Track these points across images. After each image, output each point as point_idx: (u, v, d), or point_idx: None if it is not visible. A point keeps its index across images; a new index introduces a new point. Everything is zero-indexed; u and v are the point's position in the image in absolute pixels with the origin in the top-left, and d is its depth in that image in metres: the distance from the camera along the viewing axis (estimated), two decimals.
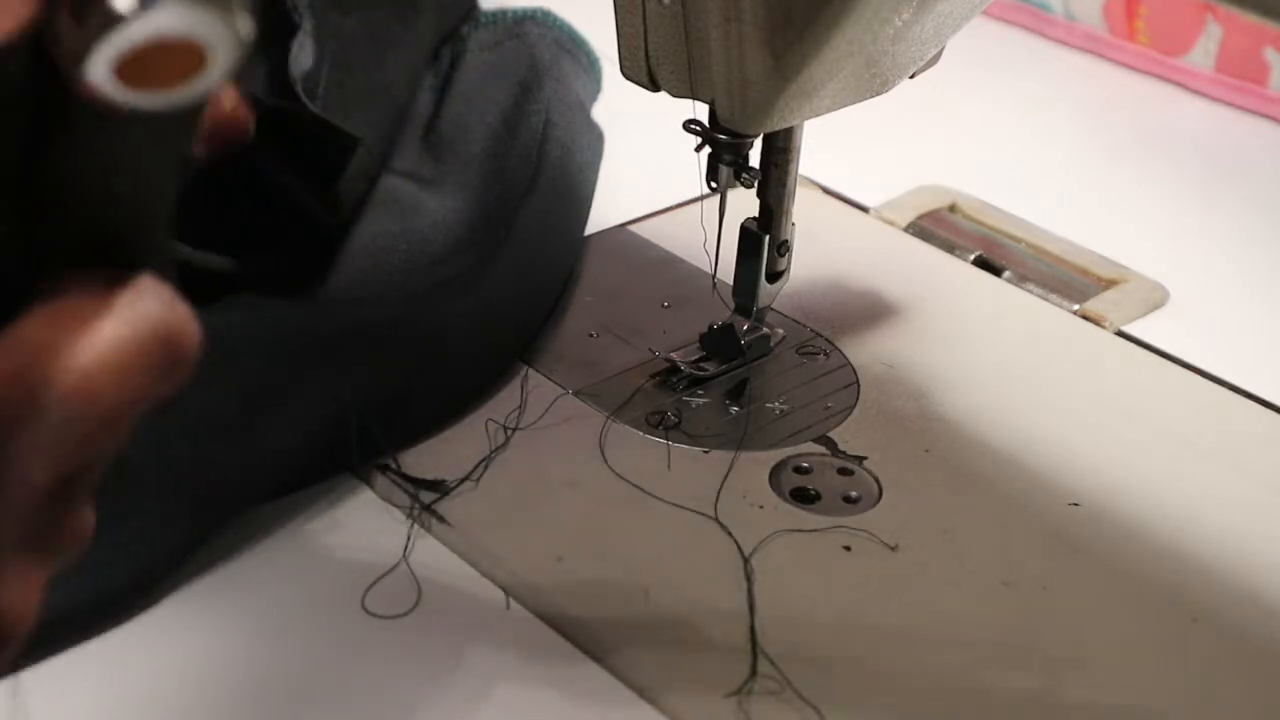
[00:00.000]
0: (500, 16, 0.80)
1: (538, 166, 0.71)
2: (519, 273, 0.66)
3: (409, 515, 0.57)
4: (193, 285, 0.56)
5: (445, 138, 0.73)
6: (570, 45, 0.80)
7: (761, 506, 0.58)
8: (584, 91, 0.80)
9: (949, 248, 0.76)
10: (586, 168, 0.75)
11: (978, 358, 0.68)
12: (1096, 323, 0.71)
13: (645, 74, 0.58)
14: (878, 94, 0.60)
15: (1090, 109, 0.93)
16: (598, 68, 0.81)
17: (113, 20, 0.30)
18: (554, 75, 0.76)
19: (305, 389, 0.57)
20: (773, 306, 0.66)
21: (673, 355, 0.65)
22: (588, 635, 0.53)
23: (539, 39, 0.78)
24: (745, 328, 0.65)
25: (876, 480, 0.60)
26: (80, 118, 0.33)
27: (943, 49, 0.60)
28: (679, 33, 0.56)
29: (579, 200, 0.73)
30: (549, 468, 0.60)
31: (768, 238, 0.63)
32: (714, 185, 0.61)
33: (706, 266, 0.65)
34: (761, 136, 0.61)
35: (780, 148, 0.62)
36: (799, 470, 0.61)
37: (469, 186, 0.70)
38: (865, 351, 0.67)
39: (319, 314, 0.60)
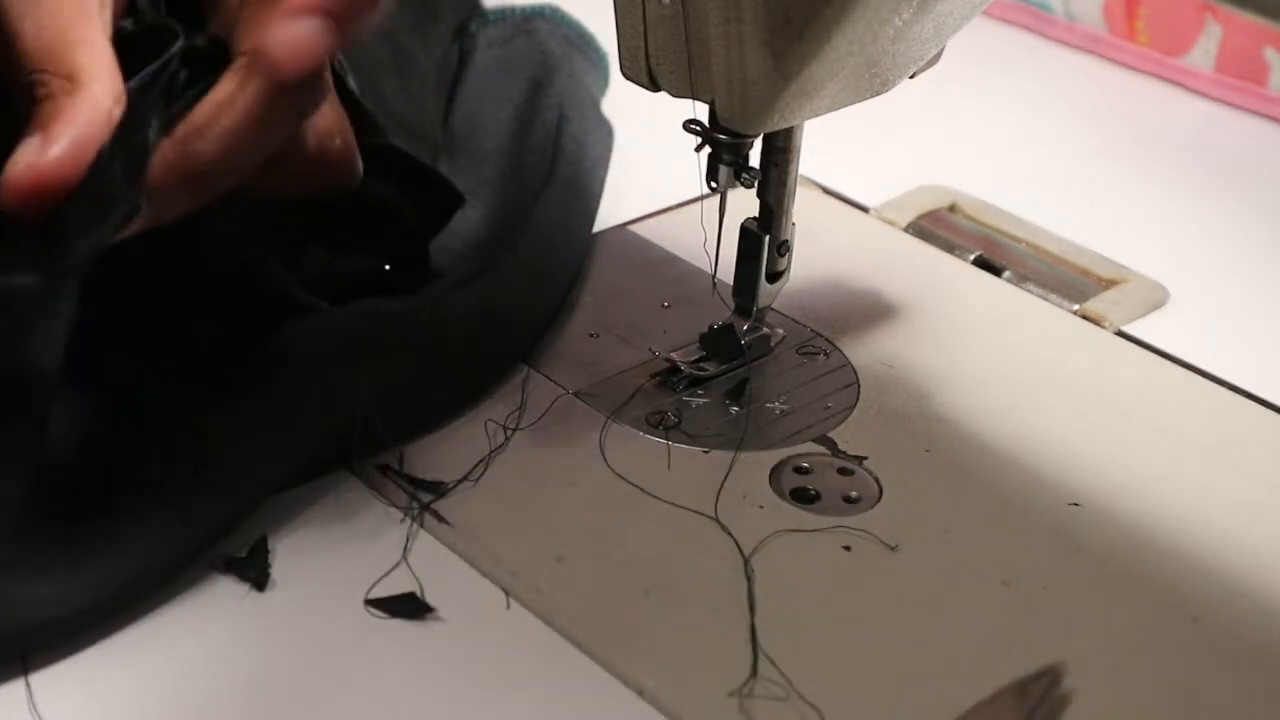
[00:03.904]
0: (509, 13, 0.80)
1: (553, 161, 0.71)
2: (533, 268, 0.66)
3: (408, 515, 0.57)
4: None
5: (458, 134, 0.73)
6: (580, 42, 0.80)
7: (761, 506, 0.58)
8: (594, 87, 0.80)
9: (949, 248, 0.76)
10: (598, 163, 0.75)
11: (978, 358, 0.68)
12: (1096, 323, 0.71)
13: (645, 74, 0.58)
14: (878, 94, 0.60)
15: (1090, 109, 0.93)
16: (605, 64, 0.81)
17: None
18: (565, 71, 0.77)
19: (314, 385, 0.57)
20: (773, 306, 0.66)
21: (673, 355, 0.65)
22: (588, 635, 0.53)
23: (549, 35, 0.78)
24: (745, 328, 0.65)
25: (876, 480, 0.60)
26: None
27: (943, 49, 0.61)
28: (679, 33, 0.56)
29: (591, 196, 0.73)
30: (549, 468, 0.60)
31: (768, 238, 0.63)
32: (714, 185, 0.61)
33: (706, 266, 0.65)
34: (761, 136, 0.61)
35: (780, 148, 0.62)
36: (799, 470, 0.61)
37: (486, 184, 0.70)
38: (865, 351, 0.67)
39: (329, 311, 0.60)
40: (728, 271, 0.65)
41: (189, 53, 0.54)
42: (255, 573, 0.54)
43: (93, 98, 0.51)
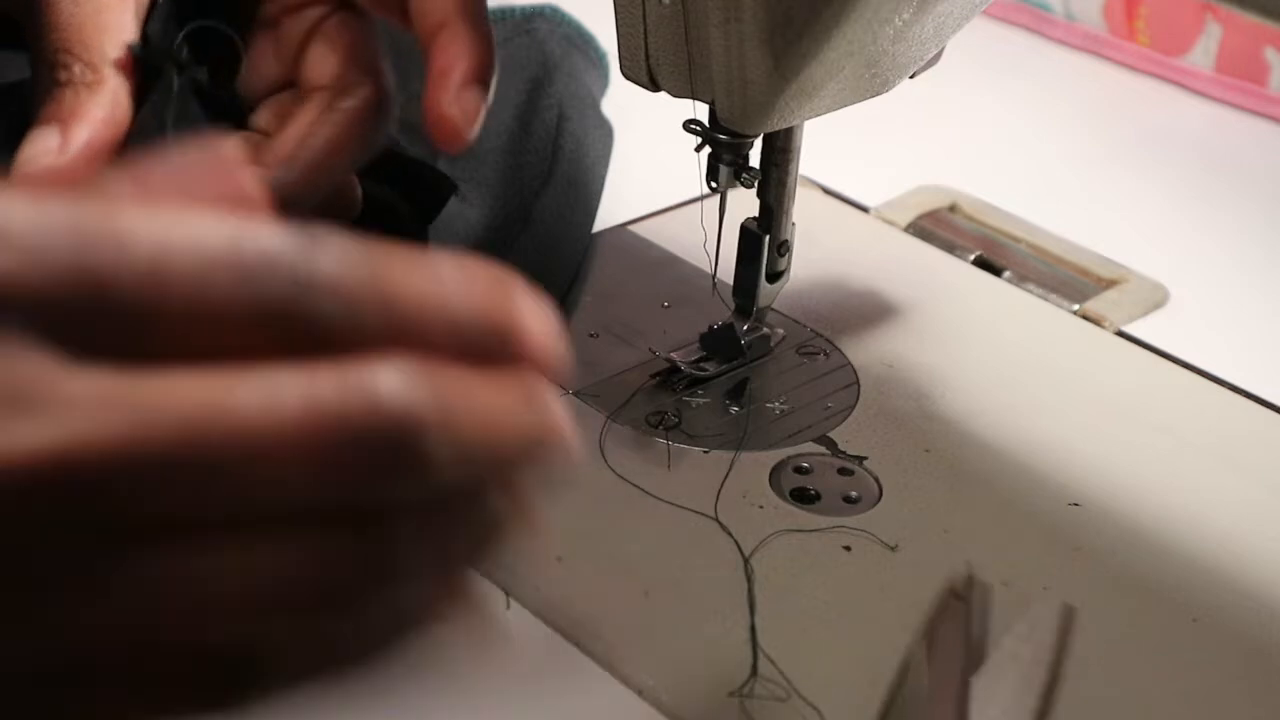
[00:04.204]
0: (509, 13, 0.80)
1: (553, 160, 0.71)
2: (534, 267, 0.66)
3: None
4: None
5: None
6: (580, 41, 0.80)
7: (761, 506, 0.58)
8: (594, 87, 0.80)
9: (949, 248, 0.76)
10: (598, 162, 0.75)
11: (978, 358, 0.68)
12: (1096, 323, 0.71)
13: (645, 74, 0.58)
14: (878, 94, 0.60)
15: (1090, 109, 0.93)
16: (605, 63, 0.81)
17: None
18: (565, 70, 0.76)
19: None
20: (773, 306, 0.66)
21: (673, 355, 0.65)
22: (588, 635, 0.53)
23: (549, 35, 0.78)
24: (745, 328, 0.65)
25: (876, 480, 0.60)
26: None
27: (943, 49, 0.60)
28: (679, 33, 0.56)
29: (591, 195, 0.73)
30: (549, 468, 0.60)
31: (768, 238, 0.63)
32: (714, 185, 0.61)
33: (706, 266, 0.65)
34: (761, 136, 0.61)
35: (780, 148, 0.62)
36: (799, 470, 0.61)
37: (485, 184, 0.70)
38: (865, 351, 0.67)
39: None
40: (728, 271, 0.65)
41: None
42: None
43: (111, 93, 0.51)
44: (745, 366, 0.66)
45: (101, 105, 0.51)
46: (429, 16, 0.56)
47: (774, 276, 0.65)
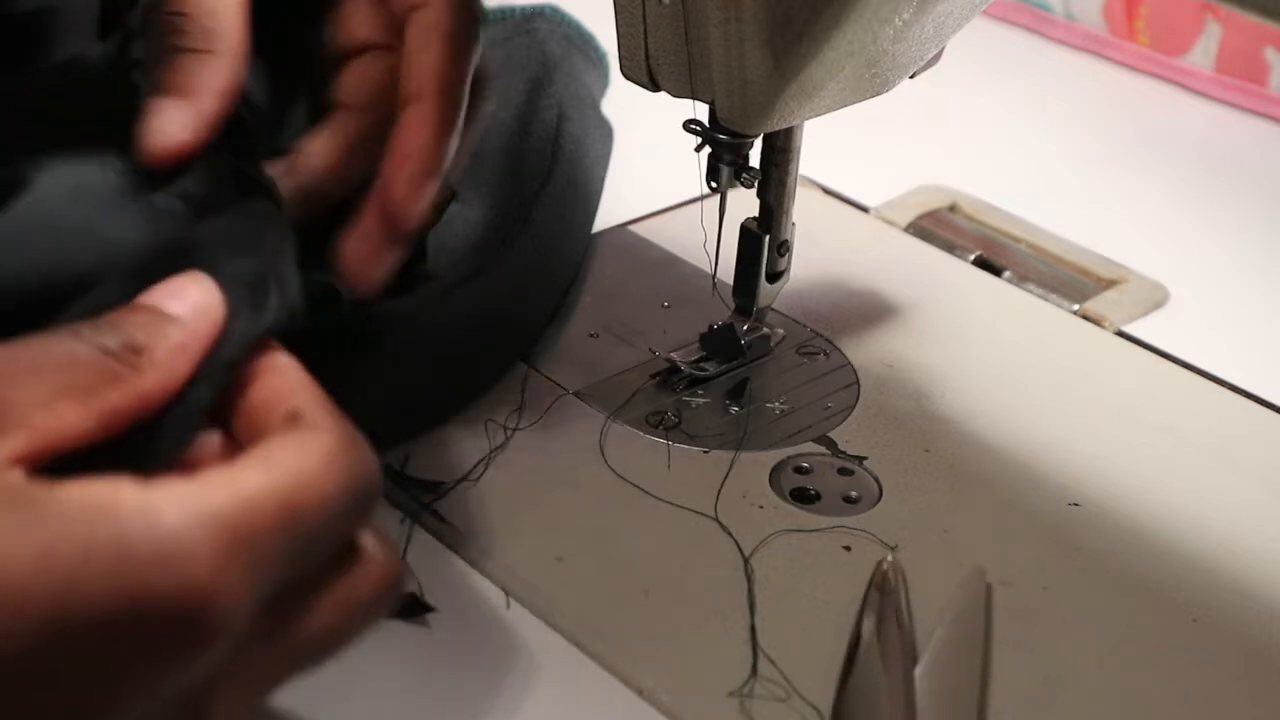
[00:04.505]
0: (509, 13, 0.80)
1: (553, 161, 0.71)
2: (533, 268, 0.66)
3: (409, 515, 0.57)
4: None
5: None
6: (580, 41, 0.80)
7: (761, 506, 0.58)
8: (594, 87, 0.80)
9: (949, 248, 0.76)
10: (598, 162, 0.75)
11: (978, 358, 0.68)
12: (1096, 323, 0.71)
13: (645, 74, 0.58)
14: (878, 94, 0.60)
15: (1090, 109, 0.93)
16: (606, 63, 0.81)
17: None
18: (565, 70, 0.76)
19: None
20: (773, 306, 0.66)
21: (673, 355, 0.65)
22: (588, 635, 0.53)
23: (549, 35, 0.78)
24: (745, 328, 0.65)
25: (876, 480, 0.60)
26: None
27: (943, 49, 0.61)
28: (679, 33, 0.56)
29: (591, 195, 0.73)
30: (549, 468, 0.60)
31: (768, 238, 0.63)
32: (714, 185, 0.61)
33: (706, 266, 0.65)
34: (761, 136, 0.61)
35: (780, 148, 0.62)
36: (799, 470, 0.61)
37: (485, 184, 0.70)
38: (865, 351, 0.67)
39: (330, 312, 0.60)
40: (728, 271, 0.65)
41: None
42: None
43: (229, 62, 0.51)
44: (745, 366, 0.66)
45: (220, 75, 0.51)
46: (411, 80, 0.56)
47: (774, 276, 0.65)
